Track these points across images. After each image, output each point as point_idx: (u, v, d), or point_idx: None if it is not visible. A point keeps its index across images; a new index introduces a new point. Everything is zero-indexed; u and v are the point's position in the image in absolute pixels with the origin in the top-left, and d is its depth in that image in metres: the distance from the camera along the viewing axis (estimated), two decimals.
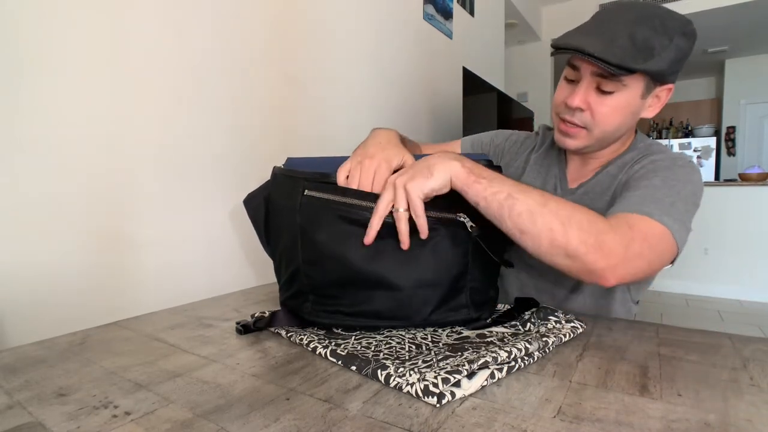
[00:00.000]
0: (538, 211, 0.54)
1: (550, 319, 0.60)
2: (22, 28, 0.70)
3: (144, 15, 0.87)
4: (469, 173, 0.55)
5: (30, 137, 0.71)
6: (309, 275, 0.59)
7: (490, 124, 2.65)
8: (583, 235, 0.53)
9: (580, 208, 0.56)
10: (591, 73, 0.67)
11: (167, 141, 0.92)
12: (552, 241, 0.54)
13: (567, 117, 0.72)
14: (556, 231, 0.53)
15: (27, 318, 0.71)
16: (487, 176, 0.56)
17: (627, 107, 0.69)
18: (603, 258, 0.54)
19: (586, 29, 0.68)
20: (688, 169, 0.69)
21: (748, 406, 0.40)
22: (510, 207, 0.54)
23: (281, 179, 0.63)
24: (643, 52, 0.63)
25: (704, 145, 5.89)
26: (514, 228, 0.55)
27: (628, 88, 0.67)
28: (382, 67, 1.67)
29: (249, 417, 0.38)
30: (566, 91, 0.72)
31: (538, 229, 0.54)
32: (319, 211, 0.58)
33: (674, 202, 0.62)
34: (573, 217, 0.54)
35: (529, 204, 0.54)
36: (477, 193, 0.55)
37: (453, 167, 0.56)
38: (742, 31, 4.77)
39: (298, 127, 1.25)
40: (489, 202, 0.55)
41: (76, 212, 0.77)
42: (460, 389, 0.41)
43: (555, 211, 0.54)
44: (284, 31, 1.20)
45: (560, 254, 0.54)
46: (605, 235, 0.54)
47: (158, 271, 0.90)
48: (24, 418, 0.39)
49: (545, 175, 0.85)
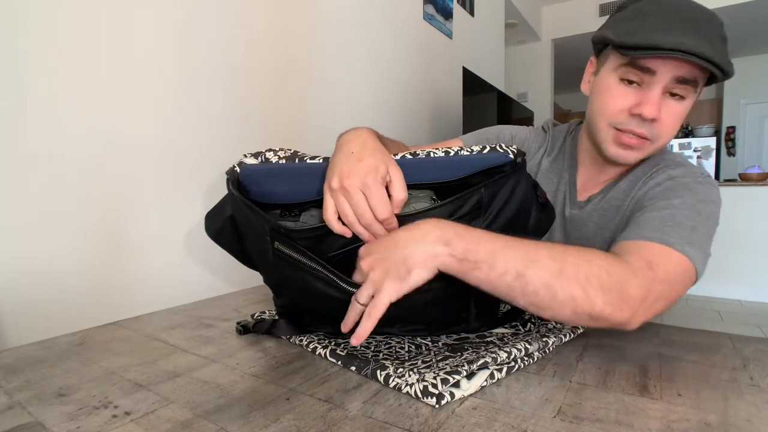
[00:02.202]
0: (556, 284, 0.46)
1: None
2: (22, 28, 0.70)
3: (144, 15, 0.87)
4: (461, 261, 0.45)
5: (30, 138, 0.71)
6: (300, 309, 0.58)
7: (490, 124, 2.64)
8: (606, 296, 0.47)
9: (597, 258, 0.49)
10: (672, 78, 0.58)
11: (167, 141, 0.92)
12: (575, 310, 0.47)
13: (634, 129, 0.62)
14: (578, 299, 0.47)
15: (27, 318, 0.71)
16: (486, 255, 0.45)
17: (687, 114, 0.62)
18: (627, 310, 0.48)
19: (667, 24, 0.57)
20: (709, 186, 0.64)
21: (748, 406, 0.40)
22: (522, 287, 0.46)
23: (241, 206, 0.53)
24: (726, 54, 0.57)
25: (704, 145, 5.89)
26: (530, 305, 0.48)
27: (695, 94, 0.60)
28: (381, 67, 1.67)
29: (249, 417, 0.38)
30: (629, 97, 0.62)
31: (559, 303, 0.47)
32: (293, 272, 0.51)
33: (696, 226, 0.57)
34: (592, 274, 0.47)
35: (543, 278, 0.46)
36: (479, 280, 0.46)
37: (438, 257, 0.45)
38: (742, 31, 4.77)
39: (298, 126, 1.25)
40: (496, 286, 0.46)
41: (76, 212, 0.77)
42: (459, 390, 0.41)
43: (573, 276, 0.47)
44: (284, 31, 1.20)
45: (584, 318, 0.48)
46: (627, 284, 0.48)
47: (158, 271, 0.90)
48: (24, 418, 0.39)
49: (557, 183, 0.78)
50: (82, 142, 0.78)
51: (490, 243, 0.46)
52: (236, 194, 0.53)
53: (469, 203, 0.50)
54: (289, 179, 0.52)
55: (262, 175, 0.53)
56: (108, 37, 0.81)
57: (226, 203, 0.58)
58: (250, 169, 0.53)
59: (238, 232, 0.57)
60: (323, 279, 0.49)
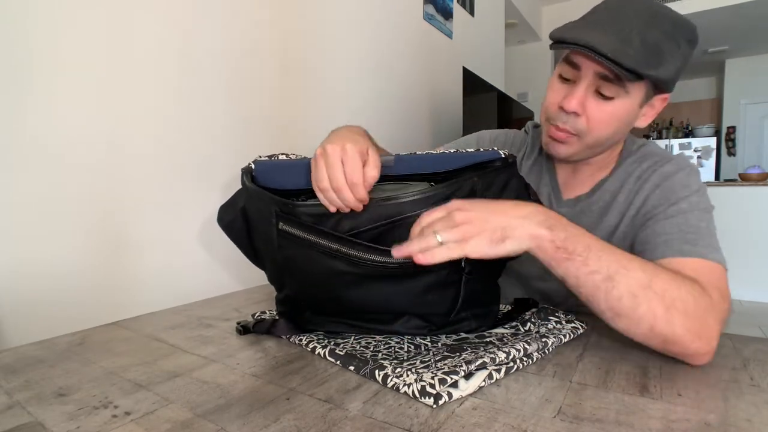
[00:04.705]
0: (642, 295, 0.46)
1: (551, 320, 0.60)
2: (22, 28, 0.70)
3: (143, 14, 0.87)
4: (557, 249, 0.46)
5: (30, 137, 0.71)
6: (302, 299, 0.59)
7: (490, 124, 2.65)
8: (688, 322, 0.46)
9: (686, 284, 0.49)
10: (594, 74, 0.61)
11: (167, 140, 0.92)
12: (653, 328, 0.47)
13: (559, 123, 0.65)
14: (659, 318, 0.46)
15: (27, 318, 0.71)
16: (582, 250, 0.46)
17: (624, 115, 0.64)
18: (706, 344, 0.48)
19: (594, 21, 0.61)
20: (696, 175, 0.66)
21: (748, 406, 0.40)
22: (607, 291, 0.46)
23: (253, 195, 0.57)
24: (654, 57, 0.58)
25: (704, 145, 5.89)
26: (608, 310, 0.48)
27: (629, 95, 0.61)
28: (381, 66, 1.67)
29: (249, 417, 0.38)
30: (561, 91, 0.65)
31: (640, 315, 0.47)
32: (298, 250, 0.53)
33: (708, 225, 0.60)
34: (679, 298, 0.47)
35: (631, 287, 0.46)
36: (567, 271, 0.47)
37: (537, 237, 0.46)
38: (742, 31, 4.77)
39: (298, 126, 1.25)
40: (582, 282, 0.47)
41: (76, 212, 0.77)
42: (457, 390, 0.41)
43: (661, 293, 0.46)
44: (284, 31, 1.20)
45: (658, 340, 0.48)
46: (709, 315, 0.48)
47: (158, 271, 0.90)
48: (24, 418, 0.39)
49: (537, 184, 0.79)
50: (82, 142, 0.78)
51: (589, 239, 0.48)
52: (248, 183, 0.56)
53: (463, 190, 0.51)
54: (298, 172, 0.54)
55: (275, 169, 0.57)
56: (108, 37, 0.81)
57: (240, 196, 0.60)
58: (264, 164, 0.57)
59: (248, 225, 0.60)
60: (331, 254, 0.51)
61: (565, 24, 0.63)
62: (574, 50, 0.60)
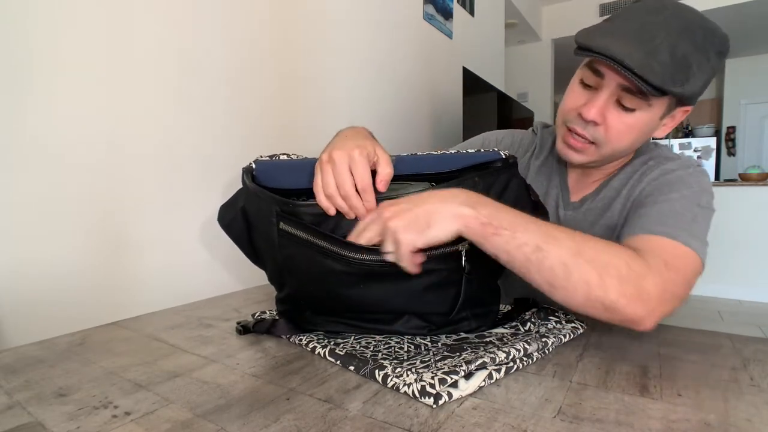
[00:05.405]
0: (573, 263, 0.46)
1: (551, 320, 0.60)
2: (22, 28, 0.70)
3: (143, 14, 0.87)
4: (484, 225, 0.46)
5: (30, 137, 0.71)
6: (302, 297, 0.59)
7: (490, 124, 2.65)
8: (622, 286, 0.47)
9: (617, 249, 0.50)
10: (617, 85, 0.59)
11: (167, 141, 0.92)
12: (588, 295, 0.47)
13: (577, 129, 0.64)
14: (592, 284, 0.46)
15: (27, 318, 0.71)
16: (509, 224, 0.46)
17: (644, 127, 0.62)
18: (642, 306, 0.48)
19: (622, 30, 0.58)
20: (701, 176, 0.65)
21: (748, 406, 0.40)
22: (539, 261, 0.46)
23: (253, 194, 0.56)
24: (682, 72, 0.56)
25: (704, 145, 5.89)
26: (543, 282, 0.48)
27: (651, 108, 0.60)
28: (381, 66, 1.67)
29: (249, 417, 0.38)
30: (581, 98, 0.63)
31: (573, 284, 0.47)
32: (297, 250, 0.53)
33: (695, 216, 0.58)
34: (611, 264, 0.47)
35: (561, 256, 0.46)
36: (496, 247, 0.47)
37: (462, 217, 0.46)
38: (743, 31, 4.76)
39: (297, 126, 1.25)
40: (513, 255, 0.47)
41: (76, 212, 0.77)
42: (457, 390, 0.41)
43: (591, 259, 0.47)
44: (283, 31, 1.20)
45: (597, 307, 0.48)
46: (644, 279, 0.48)
47: (158, 271, 0.90)
48: (24, 418, 0.39)
49: (547, 186, 0.78)
50: (82, 142, 0.78)
51: (514, 214, 0.48)
52: (248, 182, 0.56)
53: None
54: (299, 172, 0.54)
55: (276, 169, 0.57)
56: (108, 37, 0.81)
57: (240, 195, 0.60)
58: (265, 164, 0.58)
59: (248, 225, 0.60)
60: (329, 254, 0.51)
61: (592, 27, 0.61)
62: (599, 59, 0.58)
